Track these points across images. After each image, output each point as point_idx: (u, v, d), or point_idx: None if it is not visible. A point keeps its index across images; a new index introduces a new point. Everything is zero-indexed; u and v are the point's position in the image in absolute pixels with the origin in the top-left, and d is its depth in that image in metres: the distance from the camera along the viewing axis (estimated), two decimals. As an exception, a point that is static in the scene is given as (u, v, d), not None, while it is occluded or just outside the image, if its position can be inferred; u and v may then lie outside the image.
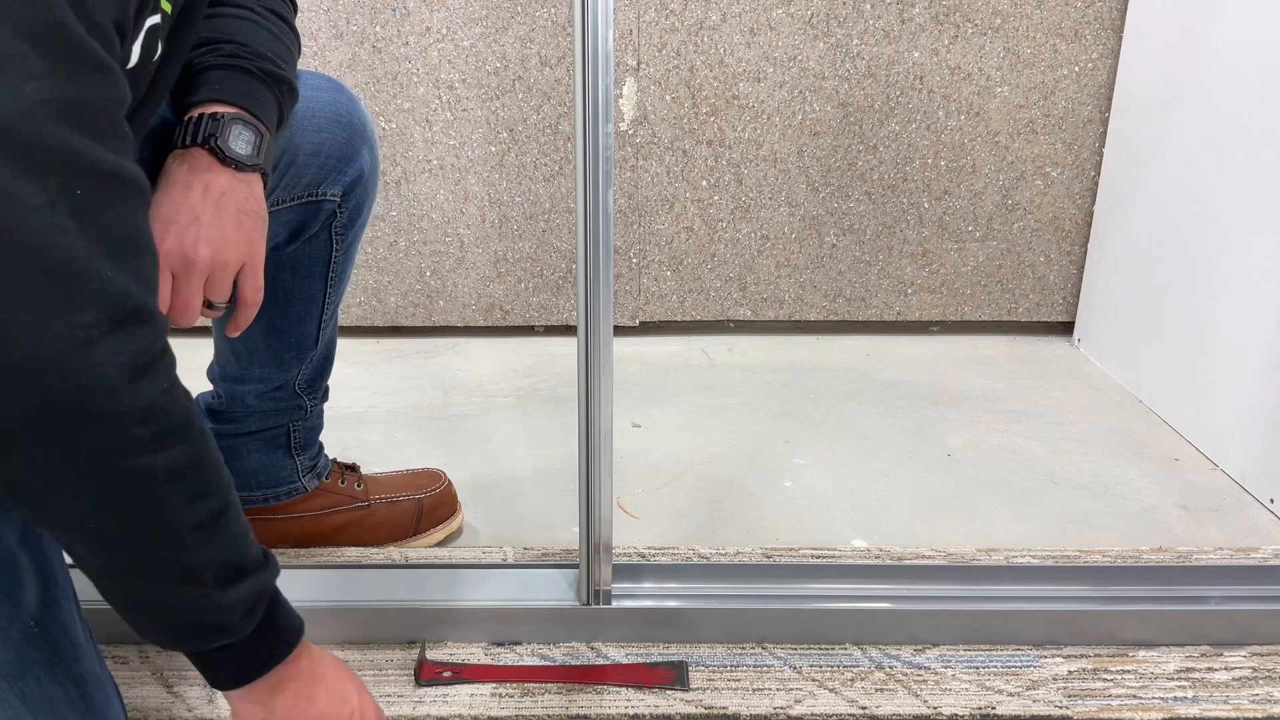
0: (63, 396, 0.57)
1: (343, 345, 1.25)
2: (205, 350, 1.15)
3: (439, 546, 1.26)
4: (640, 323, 1.95)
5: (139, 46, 0.68)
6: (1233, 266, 1.49)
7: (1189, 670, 1.07)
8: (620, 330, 1.94)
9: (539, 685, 1.02)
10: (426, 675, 1.03)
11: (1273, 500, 1.38)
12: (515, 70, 1.77)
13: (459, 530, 1.29)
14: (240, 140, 0.83)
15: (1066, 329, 1.97)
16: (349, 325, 1.89)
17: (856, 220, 1.89)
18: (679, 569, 1.14)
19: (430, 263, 1.88)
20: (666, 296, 1.93)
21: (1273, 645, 1.10)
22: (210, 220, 0.81)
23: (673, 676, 1.04)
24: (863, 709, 1.00)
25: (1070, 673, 1.06)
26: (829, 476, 1.46)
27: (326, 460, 1.24)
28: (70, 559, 0.66)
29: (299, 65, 0.94)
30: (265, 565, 0.72)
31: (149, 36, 0.69)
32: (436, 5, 1.73)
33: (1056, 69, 1.80)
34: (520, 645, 1.08)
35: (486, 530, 1.31)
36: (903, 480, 1.45)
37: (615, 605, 1.07)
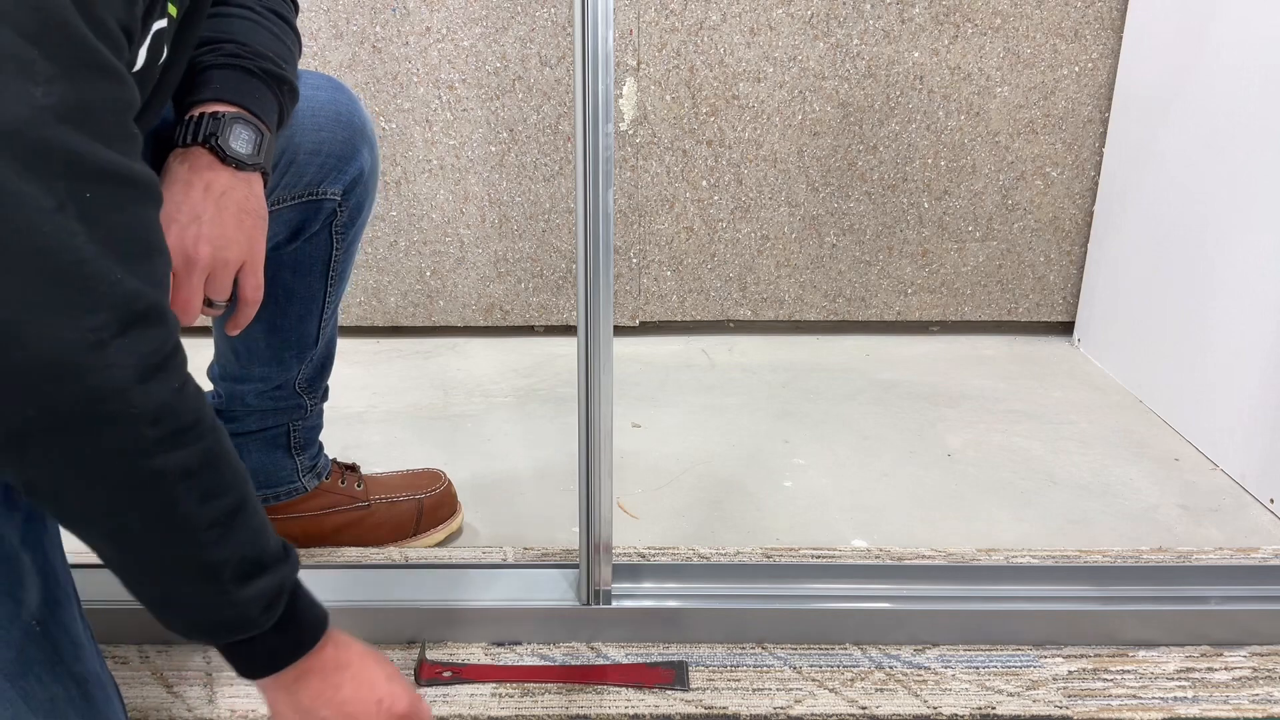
0: (74, 398, 0.57)
1: (343, 345, 1.25)
2: (205, 349, 1.14)
3: (439, 546, 1.26)
4: (640, 323, 1.95)
5: (145, 50, 0.69)
6: (1233, 266, 1.49)
7: (1189, 670, 1.07)
8: (620, 330, 1.94)
9: (539, 685, 1.02)
10: (426, 675, 1.03)
11: (1273, 500, 1.38)
12: (515, 70, 1.77)
13: (459, 530, 1.29)
14: (241, 139, 0.83)
15: (1066, 329, 1.97)
16: (349, 325, 1.89)
17: (856, 220, 1.89)
18: (679, 569, 1.14)
19: (430, 263, 1.88)
20: (666, 296, 1.93)
21: (1273, 645, 1.10)
22: (211, 219, 0.81)
23: (673, 676, 1.04)
24: (863, 709, 1.00)
25: (1070, 673, 1.06)
26: (829, 476, 1.46)
27: (326, 460, 1.24)
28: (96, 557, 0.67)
29: (299, 65, 0.94)
30: (285, 559, 0.72)
31: (155, 40, 0.70)
32: (436, 5, 1.73)
33: (1056, 69, 1.80)
34: (520, 645, 1.08)
35: (486, 530, 1.31)
36: (903, 480, 1.45)
37: (615, 605, 1.07)
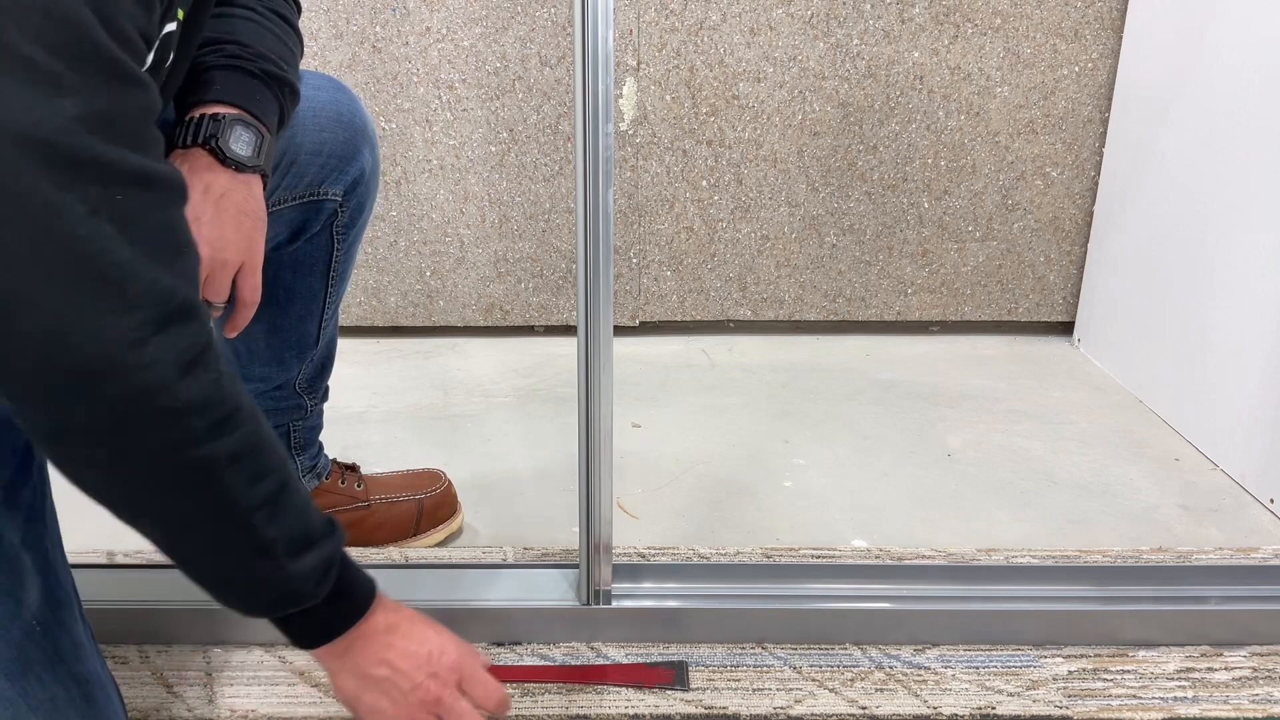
0: (121, 397, 0.59)
1: (343, 345, 1.25)
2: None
3: (439, 547, 1.26)
4: (640, 323, 1.95)
5: (153, 52, 0.69)
6: (1233, 266, 1.49)
7: (1189, 670, 1.07)
8: (620, 330, 1.94)
9: (539, 685, 1.02)
10: (427, 675, 1.03)
11: (1273, 500, 1.38)
12: (515, 70, 1.77)
13: (459, 530, 1.29)
14: (241, 141, 0.83)
15: (1066, 329, 1.97)
16: (349, 325, 1.89)
17: (856, 220, 1.89)
18: (679, 569, 1.14)
19: (430, 263, 1.88)
20: (666, 296, 1.93)
21: (1273, 645, 1.10)
22: (209, 220, 0.81)
23: (673, 676, 1.04)
24: (863, 709, 1.00)
25: (1070, 673, 1.06)
26: (829, 476, 1.46)
27: (326, 460, 1.24)
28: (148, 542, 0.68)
29: (300, 65, 0.94)
30: (332, 533, 0.75)
31: (164, 42, 0.71)
32: (436, 5, 1.73)
33: (1056, 69, 1.80)
34: (520, 645, 1.08)
35: (486, 530, 1.31)
36: (903, 480, 1.45)
37: (615, 605, 1.07)
